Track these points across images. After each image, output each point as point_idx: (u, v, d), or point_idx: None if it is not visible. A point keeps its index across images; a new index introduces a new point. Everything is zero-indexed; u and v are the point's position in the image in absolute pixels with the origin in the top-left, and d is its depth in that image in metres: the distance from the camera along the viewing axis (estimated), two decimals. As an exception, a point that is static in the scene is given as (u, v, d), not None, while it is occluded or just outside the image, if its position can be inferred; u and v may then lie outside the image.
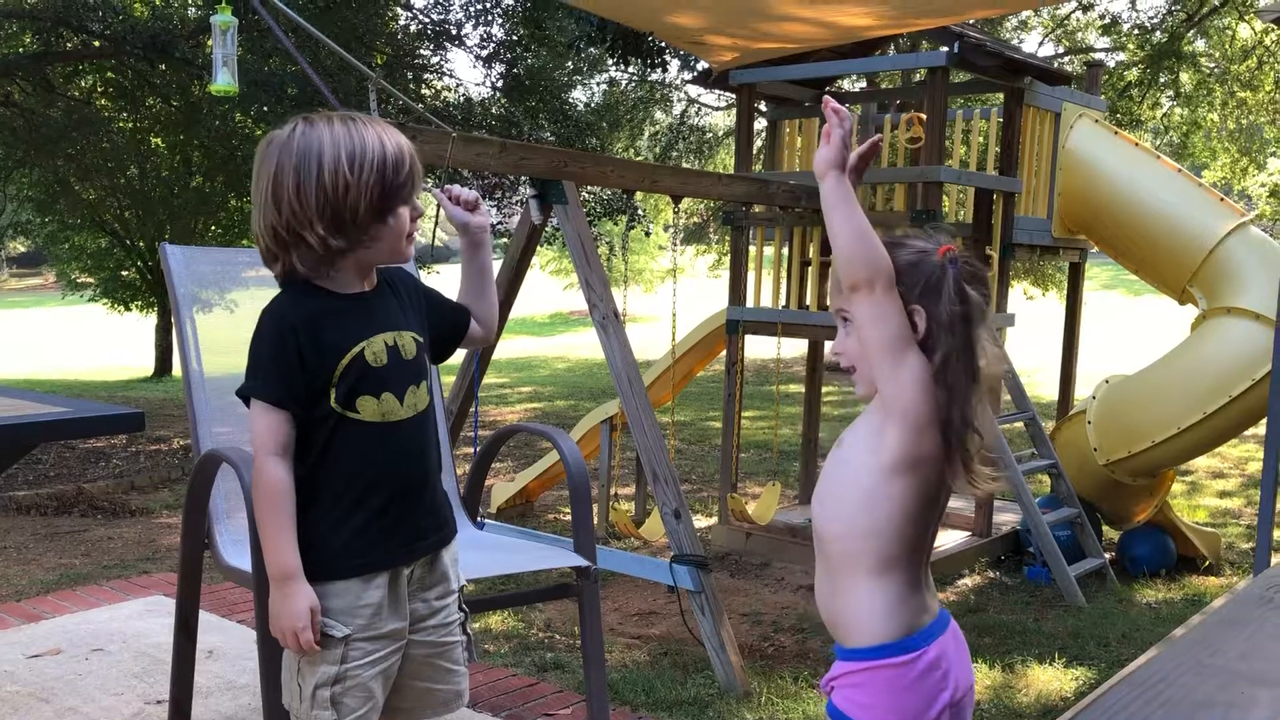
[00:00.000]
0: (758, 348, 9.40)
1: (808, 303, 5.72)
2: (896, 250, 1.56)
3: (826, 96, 1.56)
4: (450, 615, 1.92)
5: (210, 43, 4.89)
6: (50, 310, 35.05)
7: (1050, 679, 3.96)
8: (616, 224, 13.68)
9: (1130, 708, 0.72)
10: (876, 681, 1.55)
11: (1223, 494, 7.82)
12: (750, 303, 5.86)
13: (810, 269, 5.72)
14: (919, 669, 1.54)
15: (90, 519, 6.19)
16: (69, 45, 11.37)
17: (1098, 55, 15.39)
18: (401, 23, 12.33)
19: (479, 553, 2.63)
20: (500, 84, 12.26)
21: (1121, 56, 14.55)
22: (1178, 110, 15.02)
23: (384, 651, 1.81)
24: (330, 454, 1.78)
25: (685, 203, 4.94)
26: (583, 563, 2.58)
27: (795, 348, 9.35)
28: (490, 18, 11.90)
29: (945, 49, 5.23)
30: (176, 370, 15.61)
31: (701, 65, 6.26)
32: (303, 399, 1.75)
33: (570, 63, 13.37)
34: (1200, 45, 14.67)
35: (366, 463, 1.79)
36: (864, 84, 12.44)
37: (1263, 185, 16.81)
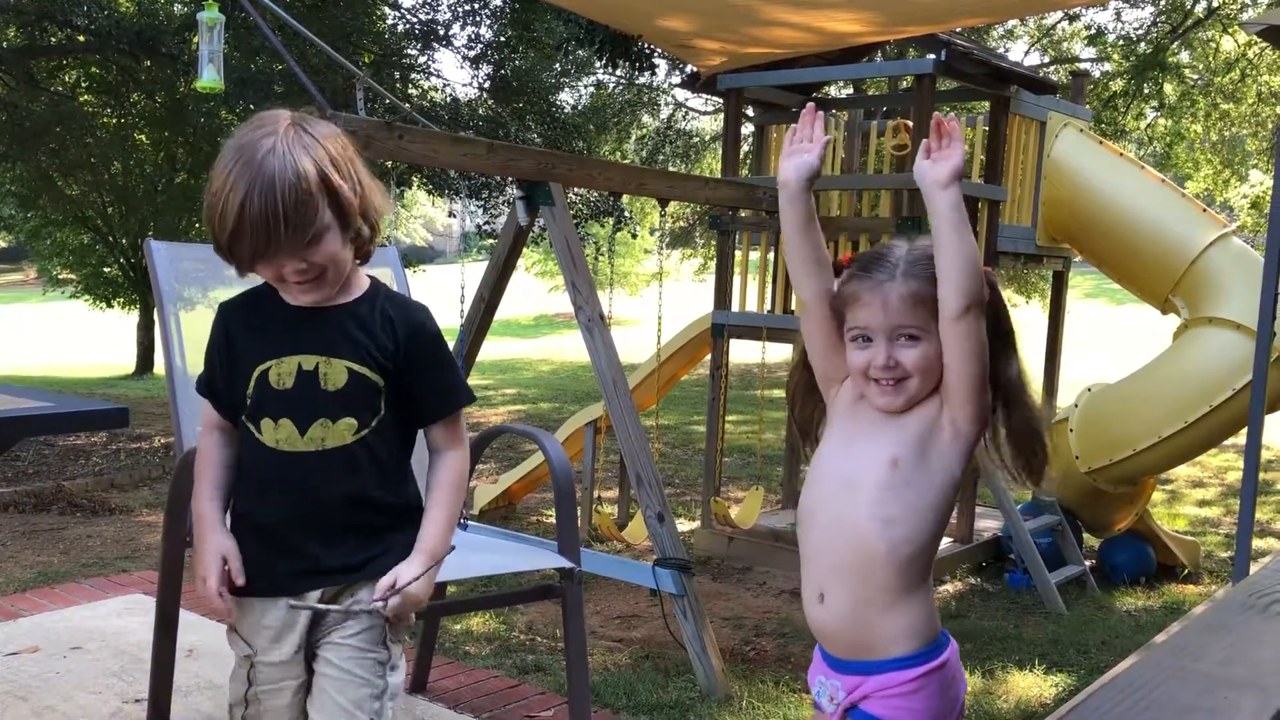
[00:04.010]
0: (742, 352, 9.41)
1: (793, 308, 5.73)
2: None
3: (937, 114, 1.56)
4: (352, 652, 1.77)
5: (197, 39, 4.87)
6: (31, 306, 34.84)
7: (1030, 685, 3.98)
8: (603, 226, 13.68)
9: (1114, 712, 0.72)
10: (930, 685, 1.58)
11: (1202, 503, 7.87)
12: (735, 307, 5.87)
13: (796, 274, 5.72)
14: (954, 662, 1.61)
15: (69, 517, 6.15)
16: (53, 40, 11.30)
17: (1083, 65, 15.49)
18: (389, 22, 12.31)
19: (462, 554, 2.62)
20: (488, 85, 12.24)
21: (1107, 67, 14.64)
22: (1161, 121, 15.12)
23: (295, 683, 1.78)
24: (242, 467, 1.79)
25: (672, 207, 4.95)
26: (567, 564, 2.57)
27: (780, 352, 9.34)
28: (479, 18, 11.89)
29: (932, 56, 5.25)
30: (158, 368, 15.53)
31: (689, 69, 6.27)
32: (224, 396, 1.80)
33: (558, 65, 13.36)
34: (1184, 57, 14.78)
35: (262, 485, 1.75)
36: (851, 90, 12.48)
37: (1244, 197, 16.95)
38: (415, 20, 12.15)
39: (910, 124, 5.33)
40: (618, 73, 16.00)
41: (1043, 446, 1.64)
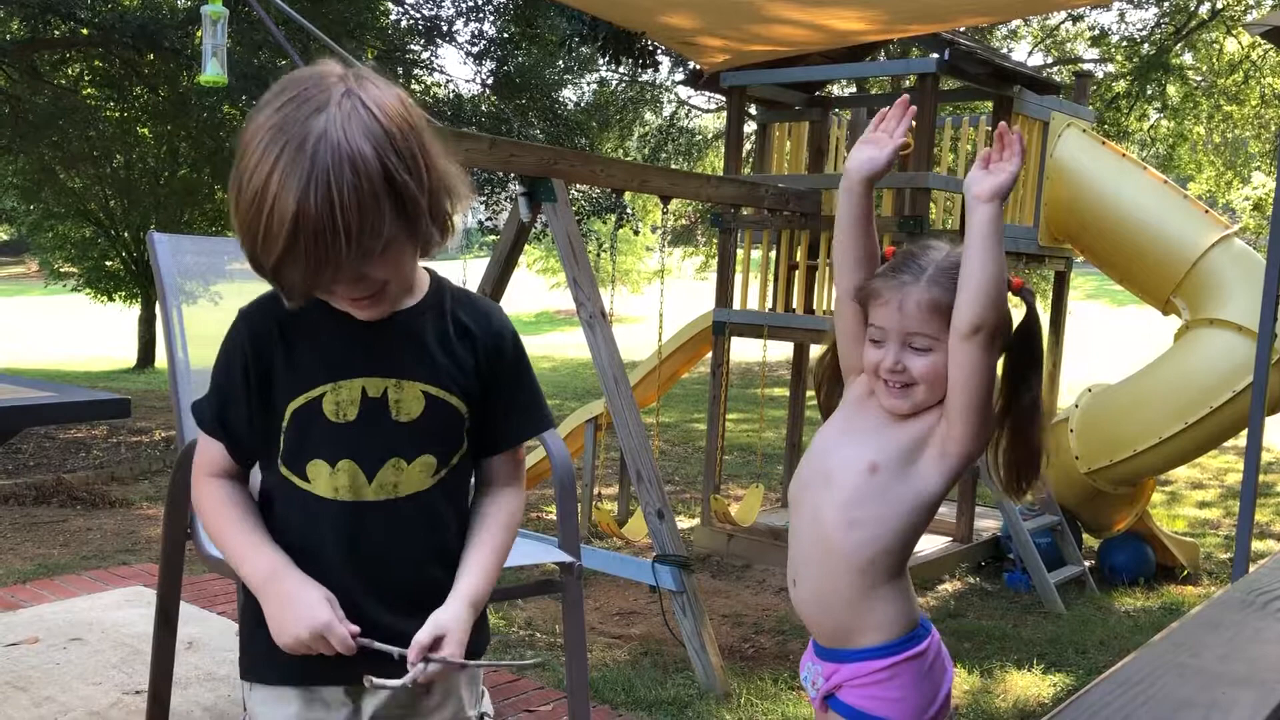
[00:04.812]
0: (743, 350, 9.42)
1: (794, 306, 5.73)
2: None
3: (1002, 124, 1.55)
4: None
5: (200, 33, 4.87)
6: (32, 299, 34.84)
7: (1028, 685, 3.98)
8: (605, 223, 13.69)
9: (1113, 706, 0.73)
10: (905, 673, 1.61)
11: (1202, 504, 7.87)
12: (737, 305, 5.87)
13: (797, 273, 5.73)
14: (933, 651, 1.63)
15: (69, 509, 6.15)
16: (57, 33, 11.31)
17: (1086, 66, 15.49)
18: (393, 17, 12.32)
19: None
20: (490, 81, 12.26)
21: (1110, 68, 14.64)
22: (1164, 122, 15.12)
23: None
24: (274, 524, 1.38)
25: (674, 204, 4.95)
26: (567, 558, 2.58)
27: (780, 351, 9.40)
28: (482, 15, 11.91)
29: (936, 56, 5.25)
30: (159, 362, 15.53)
31: (692, 66, 6.28)
32: (245, 435, 1.38)
33: (561, 61, 13.37)
34: (1188, 59, 14.78)
35: (312, 547, 1.36)
36: (854, 89, 12.45)
37: (1246, 199, 16.94)
38: (419, 16, 12.16)
39: (913, 123, 5.34)
40: (620, 70, 16.00)
41: (1033, 473, 1.63)
